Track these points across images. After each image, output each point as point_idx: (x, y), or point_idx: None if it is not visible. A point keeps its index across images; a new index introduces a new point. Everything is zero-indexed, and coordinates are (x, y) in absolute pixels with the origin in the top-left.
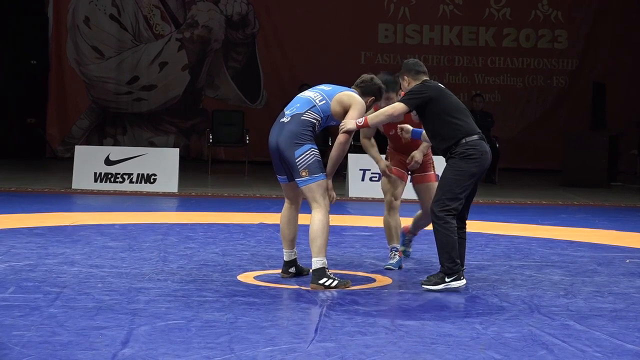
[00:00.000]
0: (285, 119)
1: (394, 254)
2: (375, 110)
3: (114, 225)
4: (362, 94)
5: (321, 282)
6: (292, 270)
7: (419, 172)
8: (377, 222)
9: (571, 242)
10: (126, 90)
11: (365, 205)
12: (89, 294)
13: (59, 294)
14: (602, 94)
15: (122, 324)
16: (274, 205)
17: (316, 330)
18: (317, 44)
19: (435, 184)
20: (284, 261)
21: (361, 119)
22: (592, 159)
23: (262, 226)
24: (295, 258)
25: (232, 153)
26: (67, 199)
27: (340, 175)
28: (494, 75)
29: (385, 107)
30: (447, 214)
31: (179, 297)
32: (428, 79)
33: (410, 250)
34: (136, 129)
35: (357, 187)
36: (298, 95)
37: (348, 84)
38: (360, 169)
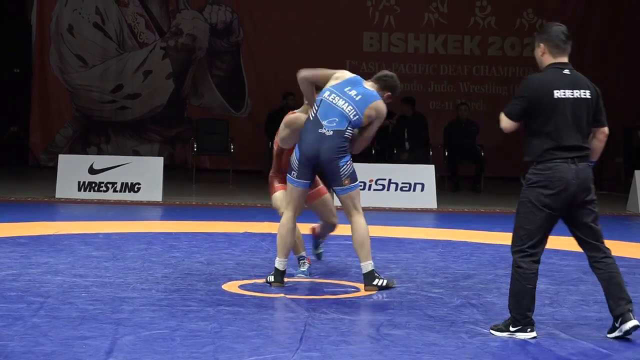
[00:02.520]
0: (326, 131)
1: (303, 262)
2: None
3: (98, 235)
4: (382, 87)
5: (375, 283)
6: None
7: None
8: None
9: (556, 251)
10: (110, 99)
11: (395, 215)
12: (73, 304)
13: (43, 303)
14: None
15: (106, 334)
16: (258, 214)
17: (301, 339)
18: (302, 52)
19: (328, 196)
20: (280, 270)
21: None
22: None
23: (247, 235)
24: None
25: (217, 162)
26: (50, 208)
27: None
28: (479, 84)
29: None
30: (521, 255)
31: (163, 306)
32: None
33: (321, 251)
34: (120, 137)
35: None
36: (330, 103)
37: None
38: None
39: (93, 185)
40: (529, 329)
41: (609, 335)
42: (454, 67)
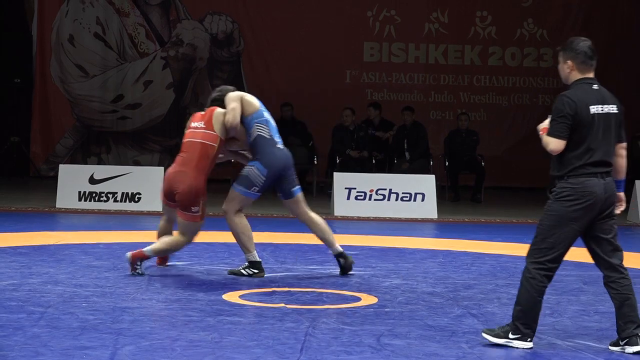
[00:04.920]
0: (281, 146)
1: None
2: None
3: (98, 245)
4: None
5: None
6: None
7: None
8: (363, 240)
9: None
10: (111, 109)
11: (350, 224)
12: (73, 314)
13: (43, 313)
14: None
15: (107, 344)
16: (259, 224)
17: (302, 349)
18: (302, 62)
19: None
20: (258, 261)
21: None
22: None
23: None
24: None
25: (217, 172)
26: (51, 218)
27: (325, 194)
28: (479, 94)
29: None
30: (538, 267)
31: (163, 316)
32: None
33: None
34: (121, 147)
35: (343, 205)
36: (272, 122)
37: (333, 102)
38: (346, 188)
39: (93, 195)
40: (528, 339)
41: (611, 348)
42: (455, 77)
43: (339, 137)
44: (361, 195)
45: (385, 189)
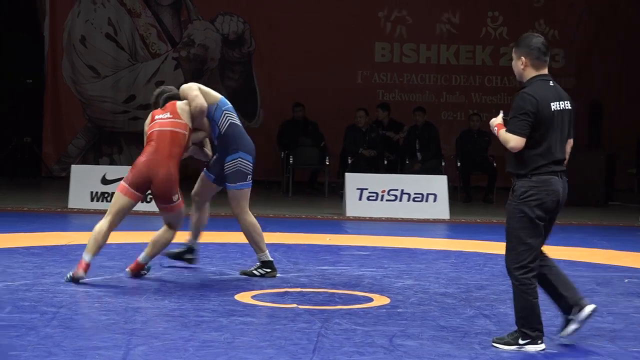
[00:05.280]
0: None
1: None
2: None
3: (110, 245)
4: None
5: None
6: None
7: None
8: (375, 241)
9: (569, 262)
10: (122, 109)
11: (362, 224)
12: (86, 314)
13: (56, 313)
14: (599, 112)
15: (119, 344)
16: (270, 225)
17: (314, 350)
18: (314, 62)
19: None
20: (271, 261)
21: None
22: (589, 178)
23: None
24: None
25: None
26: (63, 218)
27: (336, 194)
28: (491, 94)
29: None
30: (523, 272)
31: (176, 316)
32: None
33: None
34: (132, 148)
35: (354, 206)
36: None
37: (345, 103)
38: (358, 188)
39: (105, 195)
40: (539, 341)
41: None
42: (466, 78)
43: (351, 137)
44: (373, 196)
45: (397, 190)
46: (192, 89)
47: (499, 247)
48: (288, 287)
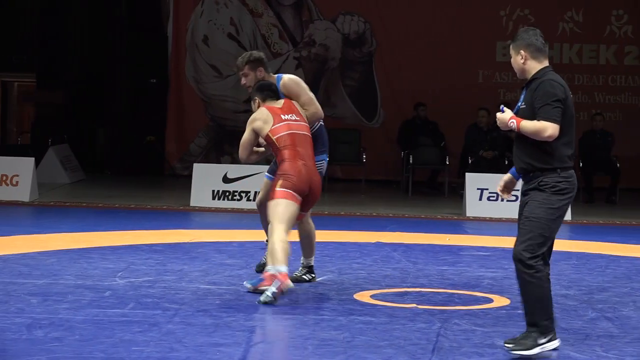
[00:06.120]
0: None
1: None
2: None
3: (231, 243)
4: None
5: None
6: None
7: None
8: (495, 242)
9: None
10: (244, 109)
11: (482, 224)
12: (207, 311)
13: (178, 310)
14: None
15: (240, 341)
16: (390, 224)
17: (433, 350)
18: (434, 62)
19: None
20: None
21: None
22: None
23: (379, 245)
24: None
25: (349, 171)
26: (185, 216)
27: (457, 194)
28: (615, 94)
29: None
30: (537, 260)
31: (295, 315)
32: None
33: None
34: None
35: (475, 206)
36: None
37: (465, 102)
38: (478, 188)
39: (227, 194)
40: (553, 335)
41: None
42: (589, 77)
43: (472, 137)
44: (493, 196)
45: (518, 190)
46: (305, 88)
47: (622, 249)
48: (407, 286)
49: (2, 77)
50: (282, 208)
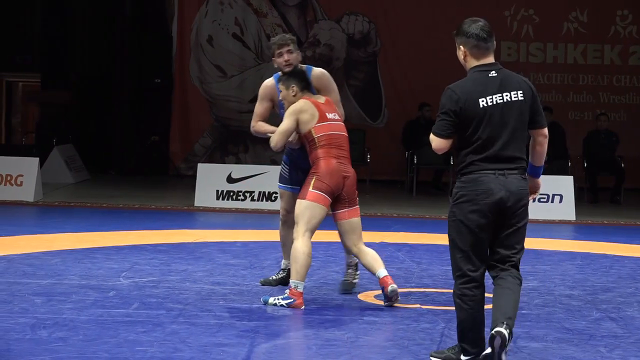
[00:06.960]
0: None
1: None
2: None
3: (235, 243)
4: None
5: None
6: None
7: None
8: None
9: None
10: (248, 109)
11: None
12: (211, 311)
13: (182, 310)
14: None
15: (244, 341)
16: (394, 224)
17: (437, 350)
18: (439, 62)
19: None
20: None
21: None
22: None
23: (383, 245)
24: None
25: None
26: (189, 216)
27: None
28: (619, 94)
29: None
30: (463, 281)
31: (299, 315)
32: None
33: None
34: (258, 147)
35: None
36: None
37: None
38: None
39: (231, 194)
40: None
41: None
42: (594, 77)
43: None
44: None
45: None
46: (336, 86)
47: (626, 249)
48: (411, 287)
49: (6, 77)
50: (310, 212)
